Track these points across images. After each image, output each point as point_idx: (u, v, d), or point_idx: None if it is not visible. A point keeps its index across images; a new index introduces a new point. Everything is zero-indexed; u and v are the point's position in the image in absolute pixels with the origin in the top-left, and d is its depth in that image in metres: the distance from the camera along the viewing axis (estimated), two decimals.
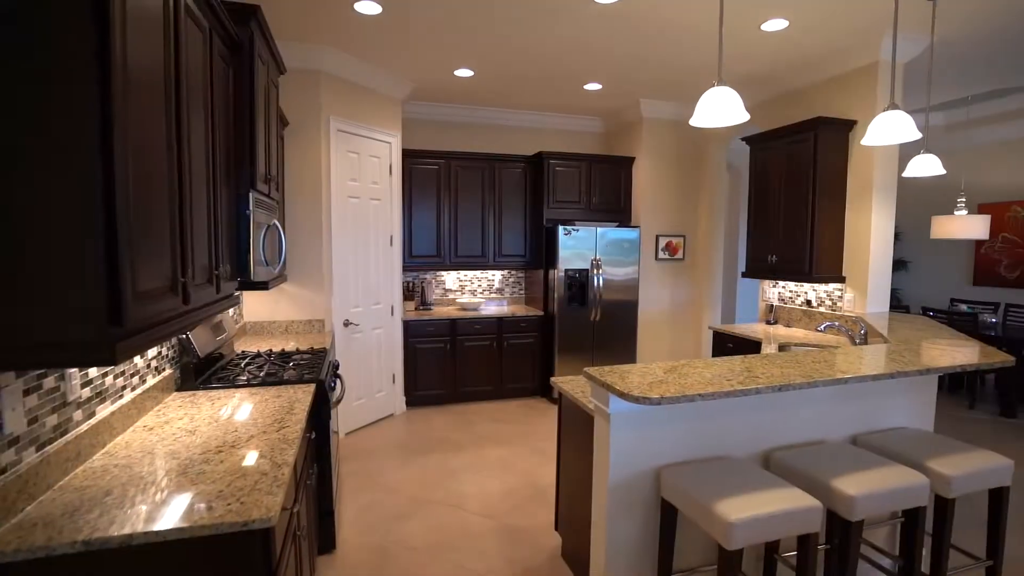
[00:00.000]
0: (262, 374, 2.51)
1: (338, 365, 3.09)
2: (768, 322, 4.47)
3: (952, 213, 5.37)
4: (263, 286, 2.99)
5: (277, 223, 2.80)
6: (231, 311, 3.33)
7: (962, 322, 5.15)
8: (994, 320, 5.37)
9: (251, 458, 1.56)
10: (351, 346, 4.27)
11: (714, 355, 4.32)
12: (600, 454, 1.92)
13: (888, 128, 2.07)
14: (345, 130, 4.11)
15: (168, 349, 2.23)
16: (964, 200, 5.46)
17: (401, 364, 4.82)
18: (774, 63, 4.05)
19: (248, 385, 2.37)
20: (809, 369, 1.97)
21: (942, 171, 2.81)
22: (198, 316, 1.67)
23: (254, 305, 3.82)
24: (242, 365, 2.69)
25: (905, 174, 2.97)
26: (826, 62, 3.89)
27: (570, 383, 2.43)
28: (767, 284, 4.65)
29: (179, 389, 2.28)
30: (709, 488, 1.71)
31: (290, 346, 3.37)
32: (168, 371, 2.21)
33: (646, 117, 5.23)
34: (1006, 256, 6.09)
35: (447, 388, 5.05)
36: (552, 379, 2.52)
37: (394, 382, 4.75)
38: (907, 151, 6.63)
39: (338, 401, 2.77)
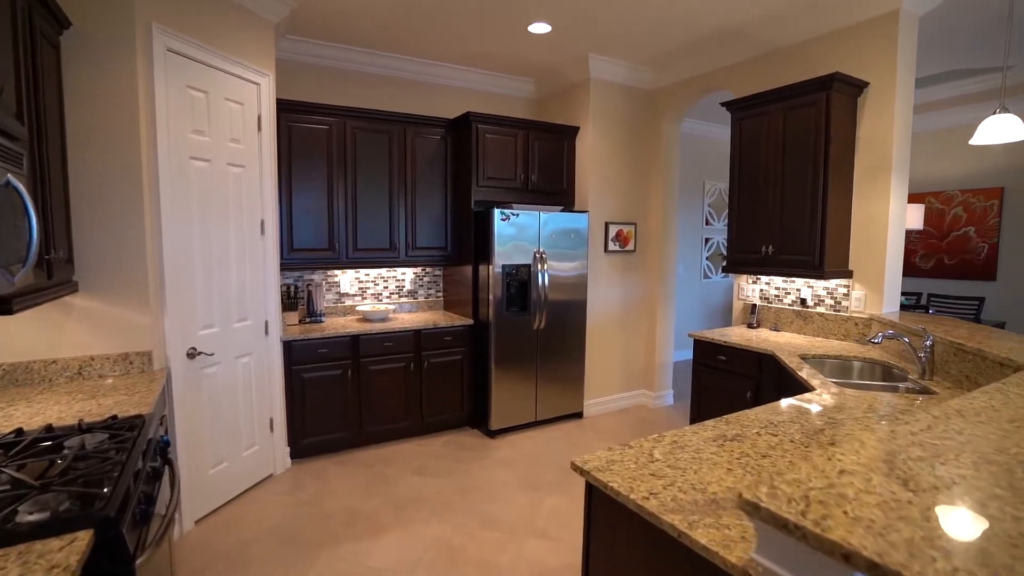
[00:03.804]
0: None
1: (167, 446, 1.71)
2: (750, 325, 3.74)
3: None
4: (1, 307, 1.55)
5: (15, 181, 1.38)
6: None
7: None
8: (932, 311, 5.25)
9: None
10: (201, 388, 2.80)
11: (695, 369, 3.49)
12: None
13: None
14: (181, 51, 2.63)
15: None
16: None
17: (281, 403, 3.40)
18: (764, 9, 3.28)
19: None
20: None
21: None
22: None
23: (12, 333, 2.23)
24: None
25: (973, 141, 2.31)
26: (833, 10, 3.19)
27: (614, 473, 1.35)
28: (744, 280, 3.93)
29: None
30: None
31: (74, 410, 1.89)
32: None
33: (594, 78, 4.28)
34: (921, 247, 6.11)
35: (349, 429, 3.71)
36: (574, 462, 1.43)
37: (272, 430, 3.33)
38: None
39: (160, 536, 1.41)
